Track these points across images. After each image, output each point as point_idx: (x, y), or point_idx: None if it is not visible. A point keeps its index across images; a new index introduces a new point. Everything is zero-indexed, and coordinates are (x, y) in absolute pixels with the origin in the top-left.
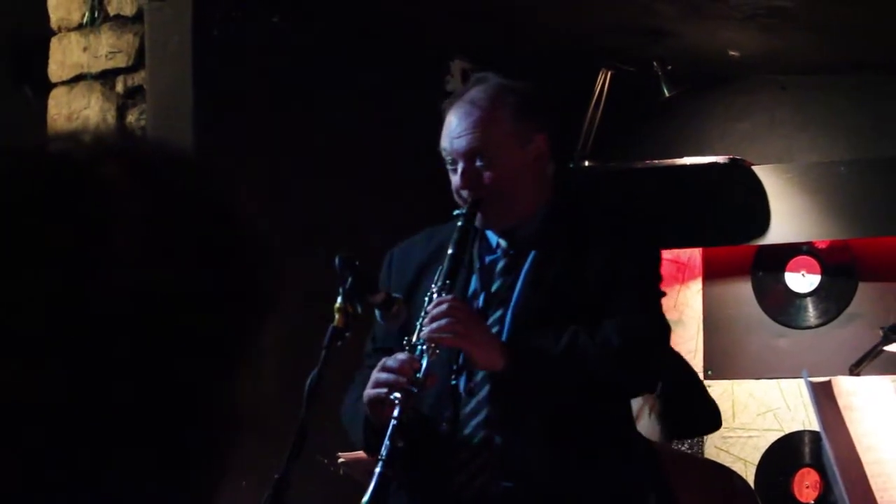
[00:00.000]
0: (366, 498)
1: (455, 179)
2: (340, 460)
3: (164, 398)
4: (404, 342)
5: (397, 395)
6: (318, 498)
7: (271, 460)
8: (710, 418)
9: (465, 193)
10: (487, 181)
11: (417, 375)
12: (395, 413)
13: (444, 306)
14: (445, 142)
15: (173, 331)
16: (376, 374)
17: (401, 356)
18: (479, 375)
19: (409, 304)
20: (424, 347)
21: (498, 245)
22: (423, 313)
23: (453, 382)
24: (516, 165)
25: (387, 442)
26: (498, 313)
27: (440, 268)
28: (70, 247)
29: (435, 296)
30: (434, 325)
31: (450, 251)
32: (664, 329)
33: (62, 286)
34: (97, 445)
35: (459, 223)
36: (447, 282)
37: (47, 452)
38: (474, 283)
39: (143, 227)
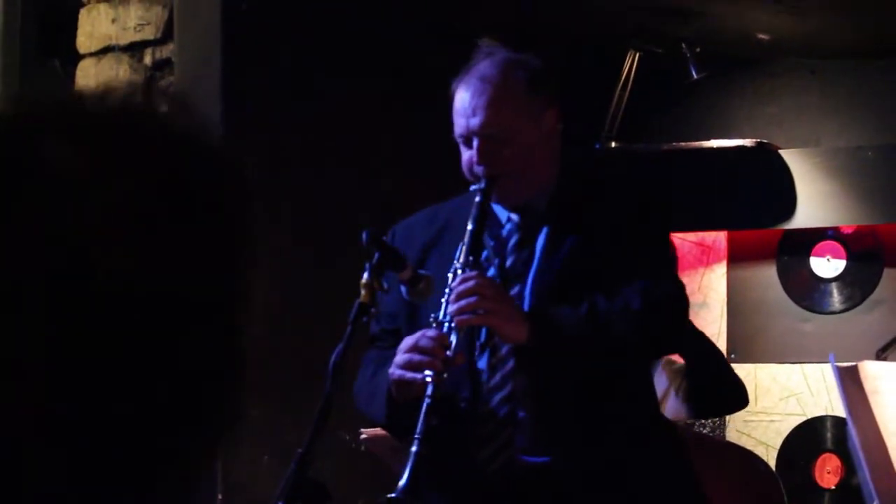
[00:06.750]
0: (404, 479)
1: (468, 155)
2: (363, 436)
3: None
4: (431, 319)
5: (429, 373)
6: (340, 473)
7: (293, 435)
8: (737, 395)
9: (479, 170)
10: (503, 158)
11: (448, 353)
12: (429, 391)
13: (470, 283)
14: (460, 119)
15: (165, 252)
16: (408, 355)
17: (430, 333)
18: (505, 349)
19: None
20: (453, 325)
21: (508, 219)
22: (447, 290)
23: (475, 361)
24: (530, 141)
25: (421, 421)
26: (515, 289)
27: (461, 244)
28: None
29: (459, 272)
30: (462, 302)
31: (469, 227)
32: (682, 290)
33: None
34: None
35: (477, 198)
36: (470, 258)
37: (60, 403)
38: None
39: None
